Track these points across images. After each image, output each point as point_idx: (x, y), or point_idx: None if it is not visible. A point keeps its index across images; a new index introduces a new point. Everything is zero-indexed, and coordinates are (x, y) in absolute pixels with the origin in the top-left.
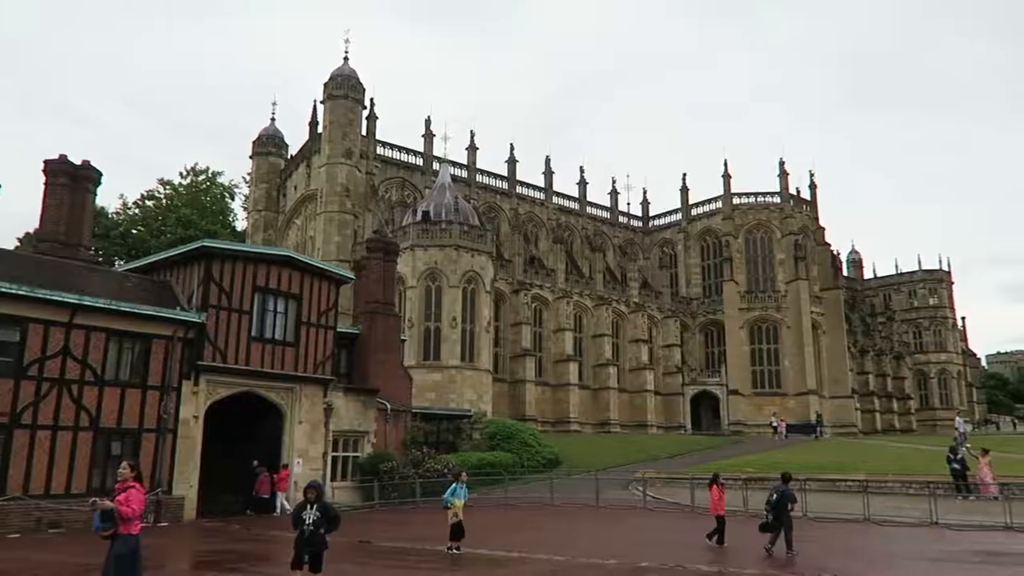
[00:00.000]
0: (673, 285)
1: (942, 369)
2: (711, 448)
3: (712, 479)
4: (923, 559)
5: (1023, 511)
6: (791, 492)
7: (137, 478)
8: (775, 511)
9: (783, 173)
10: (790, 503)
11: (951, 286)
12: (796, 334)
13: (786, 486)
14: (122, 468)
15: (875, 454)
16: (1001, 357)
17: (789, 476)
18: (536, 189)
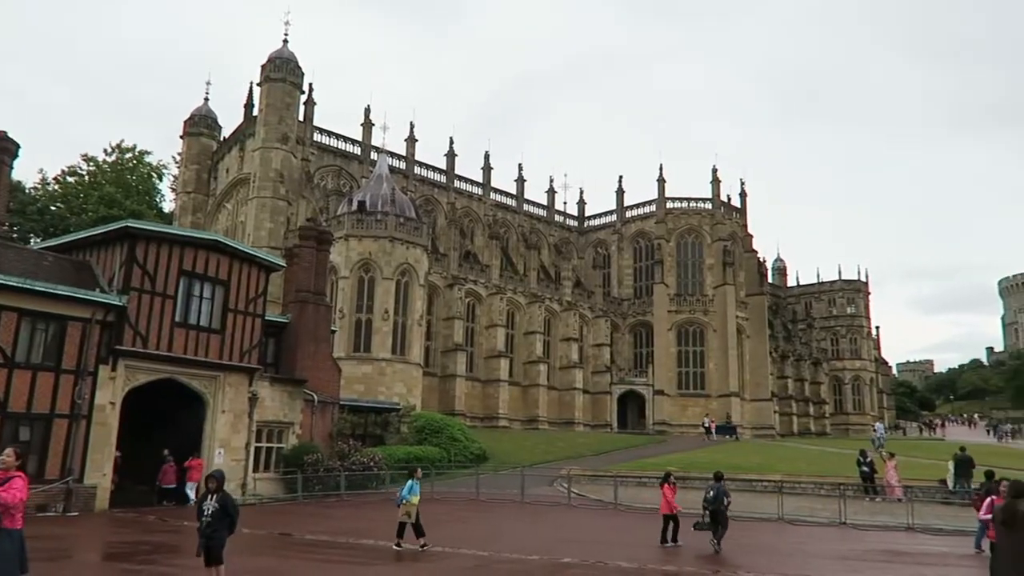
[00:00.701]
0: (606, 285)
1: (856, 376)
2: (635, 447)
3: (663, 478)
4: (831, 557)
5: (924, 513)
6: (725, 489)
7: (22, 467)
8: (710, 508)
9: (715, 180)
10: (725, 500)
11: (868, 296)
12: (721, 338)
13: (720, 484)
14: (5, 455)
15: (791, 456)
16: (910, 366)
17: (721, 475)
18: (474, 184)
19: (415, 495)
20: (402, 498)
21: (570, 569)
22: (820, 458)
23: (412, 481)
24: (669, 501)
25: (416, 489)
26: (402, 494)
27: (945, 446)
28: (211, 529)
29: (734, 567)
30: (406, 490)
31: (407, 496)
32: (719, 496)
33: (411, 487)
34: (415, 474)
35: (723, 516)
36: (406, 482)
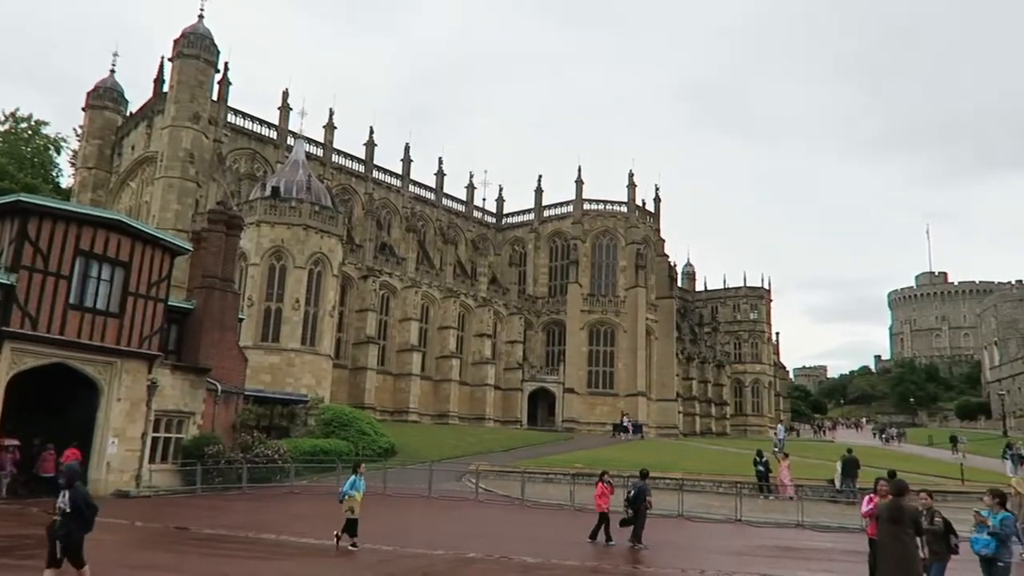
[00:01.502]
0: (521, 283)
1: (756, 379)
2: (544, 444)
3: (600, 476)
4: (726, 553)
5: (813, 510)
6: (647, 487)
7: None
8: (632, 505)
9: (631, 184)
10: (646, 497)
11: (769, 304)
12: (631, 338)
13: (643, 482)
14: None
15: (693, 455)
16: (805, 371)
17: (646, 472)
18: (393, 176)
19: (359, 490)
20: (344, 493)
21: (475, 564)
22: (720, 457)
23: (356, 476)
24: (598, 499)
25: (360, 485)
26: (344, 489)
27: (834, 448)
28: (63, 531)
29: (633, 562)
30: (348, 485)
31: (349, 491)
32: (640, 493)
33: (354, 482)
34: (359, 469)
35: (642, 513)
36: (349, 477)
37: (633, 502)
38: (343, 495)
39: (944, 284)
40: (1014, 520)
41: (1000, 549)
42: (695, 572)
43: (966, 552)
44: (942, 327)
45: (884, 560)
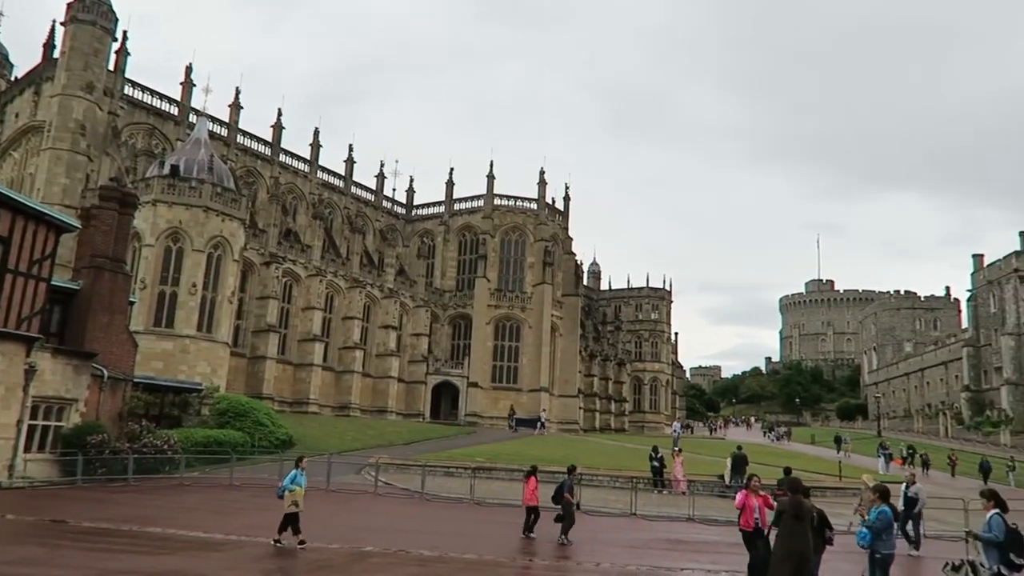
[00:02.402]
0: (429, 275)
1: (654, 377)
2: (446, 437)
3: (530, 471)
4: (621, 546)
5: (703, 505)
6: (568, 483)
7: None
8: (555, 501)
9: (542, 182)
10: (567, 492)
11: (670, 305)
12: (536, 334)
13: (568, 477)
14: None
15: (592, 450)
16: (701, 370)
17: (573, 468)
18: (301, 160)
19: (299, 485)
20: (284, 488)
21: (371, 558)
22: (617, 453)
23: (296, 471)
24: (526, 493)
25: (301, 479)
26: (284, 484)
27: (725, 445)
28: None
29: (529, 554)
30: (288, 480)
31: (290, 486)
32: (561, 489)
33: (294, 477)
34: (300, 463)
35: (568, 509)
36: (290, 471)
37: (554, 498)
38: (283, 490)
39: (831, 291)
40: (891, 514)
41: (875, 541)
42: (590, 565)
43: (845, 545)
44: (827, 332)
45: (784, 555)
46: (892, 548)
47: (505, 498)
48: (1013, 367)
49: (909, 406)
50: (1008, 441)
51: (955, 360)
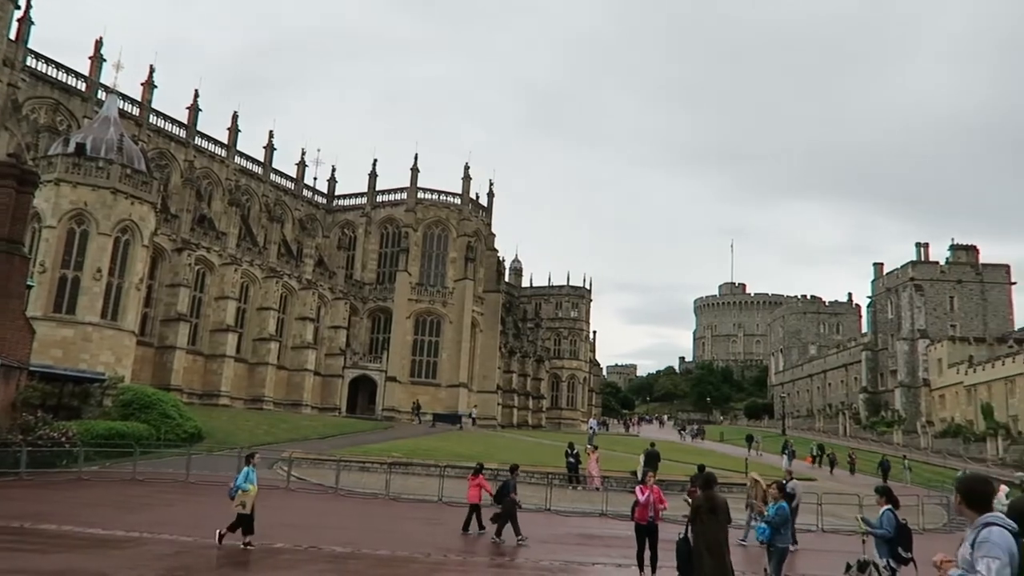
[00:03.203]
0: (349, 267)
1: (572, 375)
2: (362, 432)
3: (476, 469)
4: (534, 541)
5: (616, 501)
6: (511, 482)
7: None
8: (497, 500)
9: (466, 177)
10: (511, 492)
11: (589, 303)
12: (457, 330)
13: (511, 476)
14: None
15: (509, 446)
16: (617, 368)
17: (516, 467)
18: (218, 145)
19: (251, 483)
20: (236, 487)
21: (281, 555)
22: (534, 449)
23: (248, 468)
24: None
25: (253, 477)
26: (237, 483)
27: (639, 442)
28: None
29: (445, 550)
30: (241, 478)
31: (243, 485)
32: (506, 488)
33: (247, 474)
34: (251, 460)
35: (508, 508)
36: (242, 469)
37: (497, 497)
38: (235, 489)
39: (742, 295)
40: (788, 509)
41: (773, 535)
42: (504, 560)
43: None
44: (738, 333)
45: (703, 549)
46: (788, 542)
47: (421, 494)
48: (907, 370)
49: (812, 406)
50: (900, 440)
51: (855, 363)
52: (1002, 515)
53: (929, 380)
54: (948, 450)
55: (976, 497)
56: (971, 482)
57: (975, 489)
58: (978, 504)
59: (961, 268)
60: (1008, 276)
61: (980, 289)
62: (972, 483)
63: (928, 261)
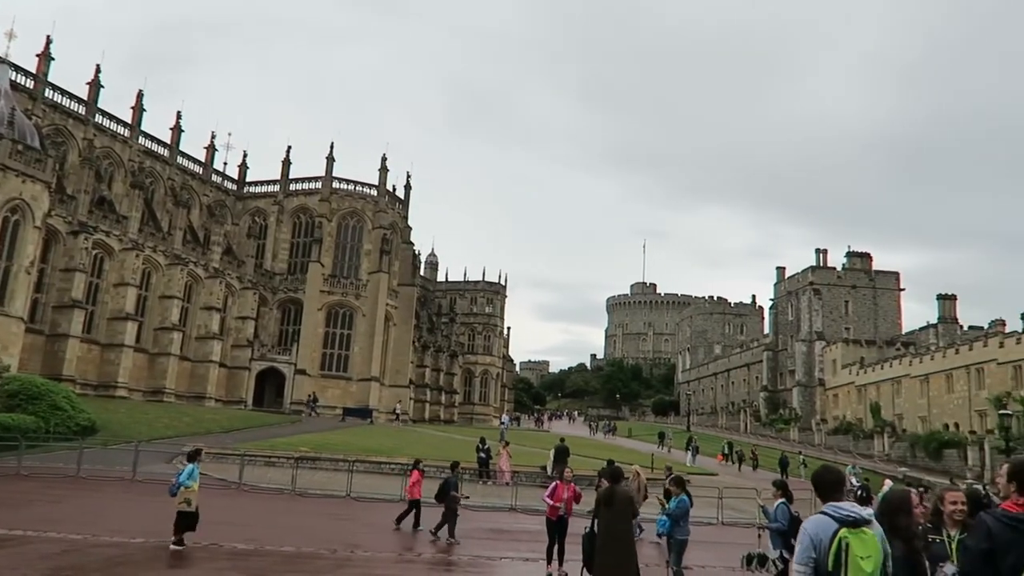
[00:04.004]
0: (259, 256)
1: (485, 370)
2: (269, 425)
3: (414, 464)
4: (443, 535)
5: (526, 495)
6: (453, 480)
7: None
8: (439, 498)
9: (384, 168)
10: (452, 490)
11: (504, 299)
12: (370, 323)
13: (451, 474)
14: None
15: (421, 441)
16: (530, 364)
17: (456, 464)
18: (121, 124)
19: (195, 480)
20: (179, 484)
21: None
22: (446, 444)
23: (193, 465)
24: (412, 485)
25: (196, 474)
26: (179, 479)
27: (550, 437)
28: None
29: (353, 545)
30: (185, 475)
31: (186, 482)
32: (447, 487)
33: (191, 471)
34: (197, 457)
35: (452, 507)
36: (186, 466)
37: (439, 495)
38: (177, 487)
39: (653, 294)
40: (688, 503)
41: (673, 528)
42: (412, 555)
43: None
44: (648, 332)
45: (606, 542)
46: (687, 534)
47: (329, 489)
48: (804, 370)
49: (715, 403)
50: (796, 437)
51: (757, 362)
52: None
53: (824, 380)
54: (839, 446)
55: (821, 486)
56: (817, 472)
57: (820, 478)
58: (823, 492)
59: (856, 274)
60: (898, 283)
61: (872, 294)
62: (817, 473)
63: (826, 267)
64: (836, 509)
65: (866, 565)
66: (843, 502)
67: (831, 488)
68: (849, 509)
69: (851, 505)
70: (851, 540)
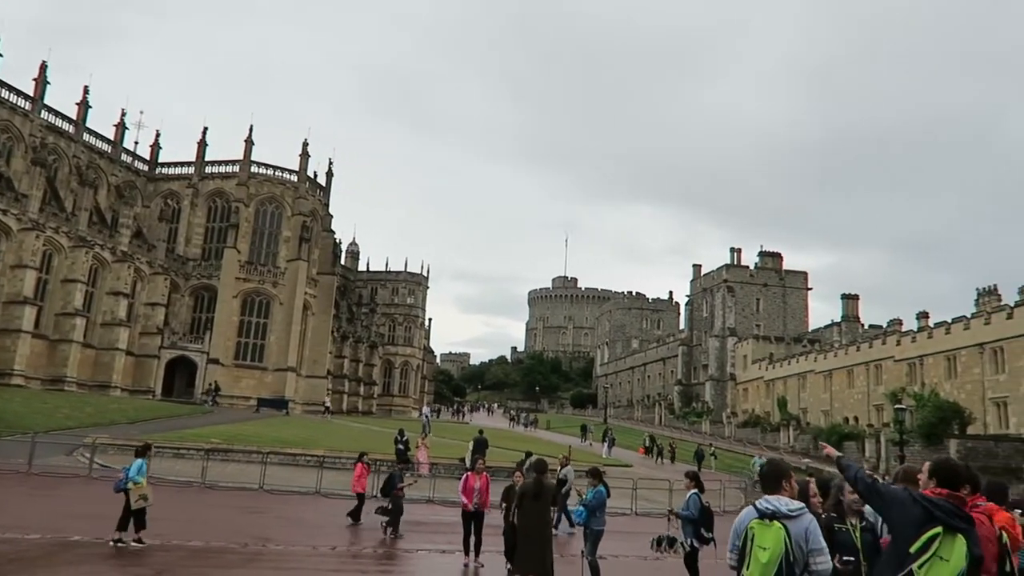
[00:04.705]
0: (171, 241)
1: (406, 361)
2: (179, 416)
3: (359, 457)
4: (358, 528)
5: (444, 487)
6: (398, 474)
7: None
8: (384, 493)
9: (304, 154)
10: (398, 484)
11: (426, 290)
12: (287, 312)
13: (396, 468)
14: None
15: (338, 432)
16: (451, 357)
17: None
18: (21, 96)
19: (143, 476)
20: (128, 479)
21: (76, 548)
22: (364, 435)
23: (141, 460)
24: (356, 479)
25: (145, 470)
26: (128, 475)
27: (469, 429)
28: None
29: (265, 539)
30: (134, 470)
31: (135, 477)
32: (392, 481)
33: (140, 467)
34: (145, 453)
35: (395, 501)
36: (134, 460)
37: (384, 490)
38: (124, 482)
39: (574, 288)
40: (605, 493)
41: (590, 518)
42: (326, 548)
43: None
44: (568, 326)
45: (528, 533)
46: (602, 525)
47: (240, 481)
48: (716, 365)
49: (632, 396)
50: (708, 429)
51: (672, 357)
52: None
53: (735, 375)
54: (748, 439)
55: (763, 479)
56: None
57: (763, 473)
58: (764, 485)
59: (767, 273)
60: (806, 282)
61: (782, 293)
62: (764, 468)
63: (740, 265)
64: (765, 502)
65: (761, 556)
66: (777, 496)
67: (769, 481)
68: (771, 502)
69: (779, 499)
70: (756, 530)
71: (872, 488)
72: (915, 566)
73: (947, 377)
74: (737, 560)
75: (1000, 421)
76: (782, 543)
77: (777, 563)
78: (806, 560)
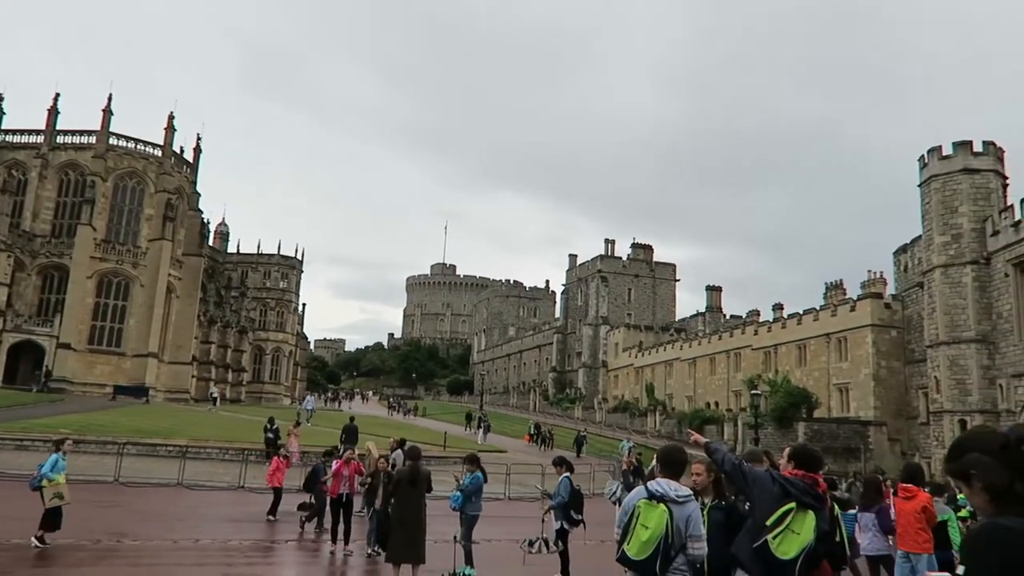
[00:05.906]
0: (16, 215)
1: (278, 347)
2: (23, 405)
3: (276, 449)
4: (225, 520)
5: None
6: (320, 467)
7: None
8: (307, 488)
9: (170, 128)
10: (321, 477)
11: (300, 274)
12: (149, 294)
13: (320, 463)
14: None
15: (202, 421)
16: (325, 343)
17: (331, 451)
18: None
19: (59, 472)
20: (42, 476)
21: None
22: (231, 424)
23: (57, 455)
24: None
25: (61, 465)
26: (42, 471)
27: (342, 416)
28: None
29: (119, 534)
30: (48, 466)
31: (49, 474)
32: (315, 475)
33: (55, 462)
34: (62, 446)
35: (319, 496)
36: (49, 455)
37: (307, 485)
38: (39, 479)
39: (453, 275)
40: (482, 479)
41: (466, 503)
42: (189, 542)
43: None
44: (446, 313)
45: (404, 520)
46: (479, 510)
47: (93, 474)
48: (589, 352)
49: (508, 383)
50: (580, 415)
51: (548, 344)
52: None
53: (607, 362)
54: (618, 424)
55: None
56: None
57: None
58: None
59: (639, 264)
60: (674, 274)
61: (652, 284)
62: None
63: (613, 256)
64: (656, 484)
65: (643, 534)
66: (668, 480)
67: (664, 465)
68: (661, 486)
69: (669, 483)
70: (643, 510)
71: (738, 468)
72: (769, 537)
73: (798, 364)
74: (621, 535)
75: (842, 405)
76: (664, 524)
77: (656, 542)
78: (683, 543)
